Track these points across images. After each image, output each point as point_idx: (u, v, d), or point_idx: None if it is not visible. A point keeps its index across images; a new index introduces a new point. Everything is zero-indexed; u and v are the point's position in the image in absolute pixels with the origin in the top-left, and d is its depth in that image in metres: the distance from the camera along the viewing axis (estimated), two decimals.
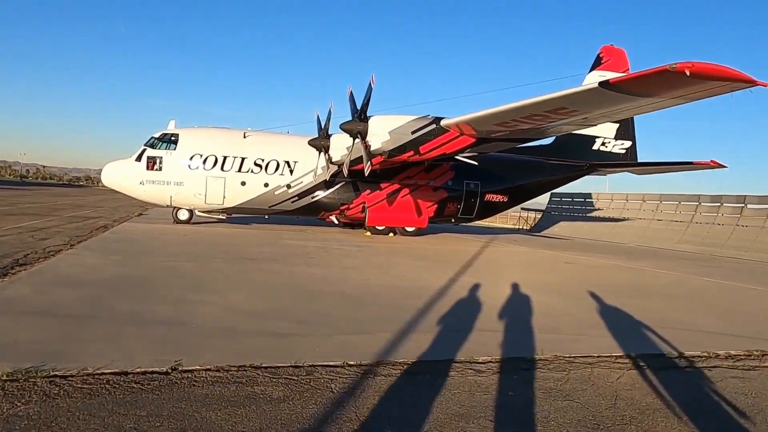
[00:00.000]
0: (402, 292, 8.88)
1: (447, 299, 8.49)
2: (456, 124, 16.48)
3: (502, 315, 7.57)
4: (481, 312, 7.63)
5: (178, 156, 21.51)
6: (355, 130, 16.60)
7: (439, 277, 10.91)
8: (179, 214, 22.26)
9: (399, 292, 8.92)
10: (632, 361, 5.53)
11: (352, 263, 12.52)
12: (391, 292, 8.90)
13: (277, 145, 22.90)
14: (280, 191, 22.55)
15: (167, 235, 16.87)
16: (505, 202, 26.28)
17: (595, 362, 5.37)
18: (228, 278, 9.14)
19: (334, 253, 14.50)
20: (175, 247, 13.44)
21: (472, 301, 8.56)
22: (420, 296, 8.62)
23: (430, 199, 24.27)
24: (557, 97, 11.64)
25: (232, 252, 13.24)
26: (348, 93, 17.52)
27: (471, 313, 7.49)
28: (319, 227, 25.97)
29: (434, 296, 8.71)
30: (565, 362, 5.33)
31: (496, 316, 7.48)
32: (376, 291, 8.87)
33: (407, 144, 16.66)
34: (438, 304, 7.97)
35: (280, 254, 13.35)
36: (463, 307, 7.92)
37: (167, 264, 10.33)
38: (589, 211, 44.03)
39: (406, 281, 10.26)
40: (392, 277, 10.67)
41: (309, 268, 11.09)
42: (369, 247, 17.30)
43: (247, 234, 19.37)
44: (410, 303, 7.96)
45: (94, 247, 12.45)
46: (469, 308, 7.88)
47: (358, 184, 23.27)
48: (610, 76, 28.38)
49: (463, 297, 8.82)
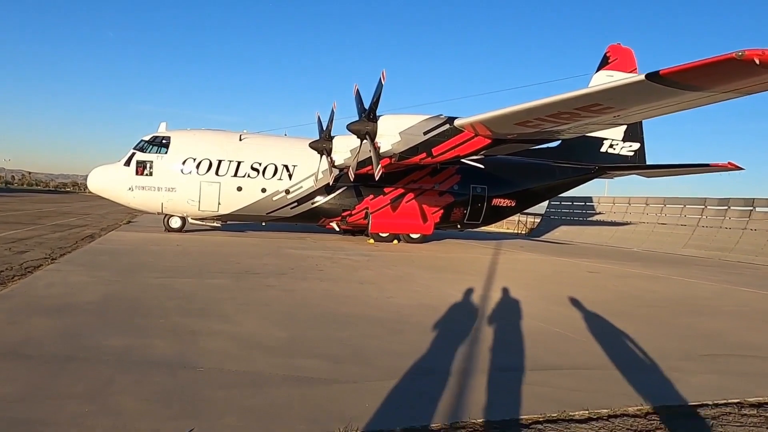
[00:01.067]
0: (434, 313, 7.70)
1: (489, 322, 7.33)
2: (471, 124, 15.38)
3: (566, 345, 6.42)
4: (541, 340, 6.47)
5: (170, 160, 20.20)
6: (364, 131, 15.41)
7: (466, 292, 9.75)
8: (171, 221, 20.93)
9: (431, 313, 7.74)
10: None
11: (366, 277, 11.33)
12: (422, 313, 7.71)
13: (275, 148, 21.66)
14: (279, 197, 21.30)
15: (159, 246, 15.57)
16: (512, 207, 25.22)
17: (720, 414, 4.21)
18: (234, 298, 7.90)
19: (343, 265, 13.29)
20: (168, 260, 12.17)
21: (519, 323, 7.40)
22: (456, 318, 7.47)
23: (436, 204, 23.14)
24: (595, 92, 10.55)
25: (232, 265, 11.99)
26: (354, 91, 16.36)
27: (530, 342, 6.33)
28: (319, 234, 24.73)
29: (471, 317, 7.55)
30: (693, 413, 4.17)
31: (560, 346, 6.32)
32: (406, 313, 7.68)
33: (419, 145, 15.51)
34: (482, 331, 6.80)
35: (285, 267, 12.12)
36: (514, 334, 6.76)
37: (162, 281, 9.07)
38: (589, 216, 43.16)
39: (433, 298, 9.08)
40: (416, 294, 9.48)
41: (322, 284, 9.87)
42: (378, 256, 16.11)
43: (244, 243, 18.10)
44: (449, 328, 6.80)
45: (79, 261, 11.15)
46: (521, 335, 6.72)
47: (360, 188, 22.08)
48: (618, 75, 27.57)
49: (506, 318, 7.67)
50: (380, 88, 14.72)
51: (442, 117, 15.73)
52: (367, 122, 15.40)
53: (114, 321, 6.09)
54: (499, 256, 18.93)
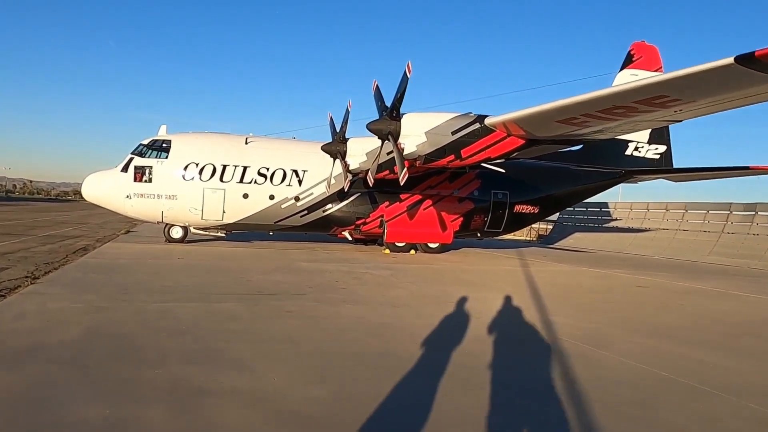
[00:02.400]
0: (506, 353, 6.15)
1: (586, 367, 5.76)
2: (503, 122, 13.86)
3: (705, 404, 4.86)
4: (669, 398, 4.91)
5: (171, 165, 18.70)
6: (386, 131, 13.87)
7: (524, 321, 8.20)
8: (172, 231, 19.40)
9: (502, 352, 6.18)
10: None
11: (399, 297, 9.76)
12: (487, 350, 6.15)
13: (283, 152, 20.15)
14: (288, 204, 19.77)
15: (159, 259, 14.03)
16: (535, 214, 23.67)
17: None
18: (249, 332, 6.35)
19: (366, 281, 11.73)
20: (169, 277, 10.62)
21: (625, 371, 5.84)
22: (538, 363, 5.91)
23: (455, 212, 21.59)
24: (666, 80, 9.01)
25: (241, 283, 10.43)
26: (373, 88, 14.84)
27: (664, 403, 4.77)
28: (328, 243, 23.18)
29: (549, 358, 5.99)
30: None
31: (700, 407, 4.76)
32: (467, 350, 6.10)
33: (447, 147, 13.97)
34: (587, 383, 5.23)
35: (302, 285, 10.56)
36: (635, 389, 5.19)
37: (160, 306, 7.51)
38: (605, 222, 41.56)
39: (490, 328, 7.52)
40: (467, 320, 7.91)
41: (350, 308, 8.32)
42: (400, 269, 14.55)
43: (251, 255, 16.55)
44: (538, 377, 5.24)
45: (65, 280, 9.60)
46: (643, 390, 5.16)
47: (375, 195, 20.55)
48: (643, 74, 26.08)
49: (601, 362, 6.10)
50: (405, 82, 13.18)
51: (472, 115, 14.21)
52: (389, 121, 13.86)
53: (94, 374, 4.53)
54: (529, 267, 17.36)
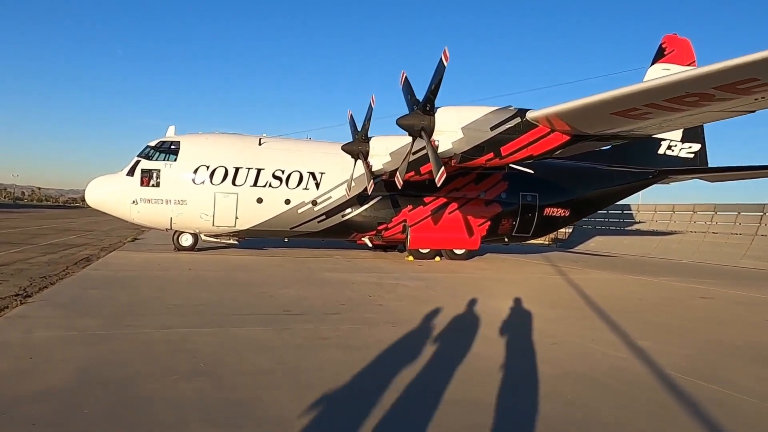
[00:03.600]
0: (624, 396, 4.77)
1: (725, 418, 4.38)
2: (547, 116, 12.50)
3: None
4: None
5: (180, 168, 17.46)
6: (418, 126, 12.50)
7: (605, 342, 6.82)
8: (181, 239, 18.14)
9: (616, 394, 4.81)
10: None
11: (446, 316, 8.37)
12: (605, 398, 4.78)
13: (299, 153, 18.86)
14: (305, 209, 18.46)
15: (167, 270, 12.75)
16: (566, 217, 22.24)
17: None
18: (283, 372, 5.00)
19: (402, 295, 10.37)
20: (179, 293, 9.32)
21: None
22: (665, 414, 4.53)
23: (482, 215, 20.21)
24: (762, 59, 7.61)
25: (262, 299, 9.11)
26: (401, 80, 13.50)
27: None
28: (346, 250, 21.84)
29: (678, 402, 4.61)
30: None
31: None
32: (579, 400, 4.73)
33: (485, 144, 12.61)
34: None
35: (332, 301, 9.22)
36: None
37: (170, 334, 6.19)
38: (628, 224, 40.04)
39: (575, 359, 6.14)
40: (545, 350, 6.54)
41: (397, 332, 6.95)
42: (434, 280, 13.17)
43: (268, 265, 15.24)
44: None
45: (60, 298, 8.31)
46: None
47: (397, 198, 19.21)
48: (675, 69, 24.62)
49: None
50: (441, 71, 11.82)
51: (512, 109, 12.85)
52: (422, 115, 12.50)
53: None
54: (567, 275, 15.94)
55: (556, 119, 12.49)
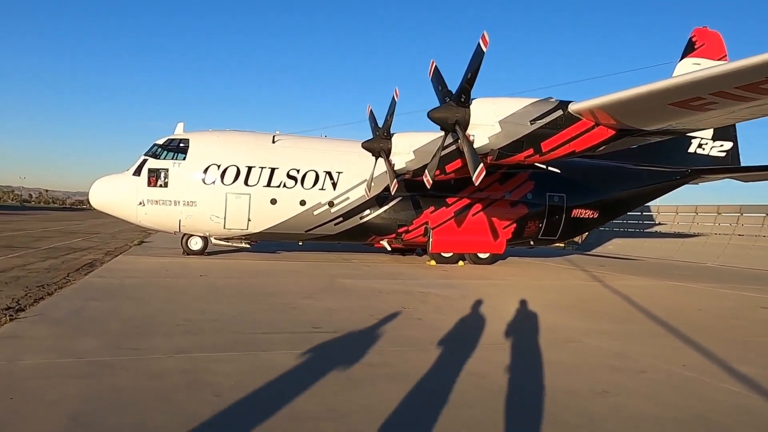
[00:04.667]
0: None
1: None
2: (591, 109, 11.40)
3: None
4: None
5: (189, 167, 16.46)
6: (452, 119, 11.41)
7: (700, 368, 5.72)
8: (191, 243, 17.12)
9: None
10: None
11: (497, 331, 7.28)
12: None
13: (315, 151, 17.82)
14: (321, 210, 17.41)
15: (177, 278, 11.73)
16: (595, 219, 21.09)
17: None
18: (333, 419, 3.93)
19: (439, 306, 9.29)
20: (191, 304, 8.27)
21: None
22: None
23: (508, 217, 19.11)
24: None
25: (285, 313, 8.05)
26: (430, 70, 12.42)
27: None
28: (362, 254, 20.77)
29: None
30: None
31: None
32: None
33: (524, 139, 11.51)
34: None
35: (362, 313, 8.14)
36: None
37: (184, 362, 5.14)
38: (648, 226, 38.73)
39: (692, 398, 5.04)
40: (637, 380, 5.43)
41: (454, 355, 5.87)
42: (465, 287, 12.06)
43: (285, 271, 14.19)
44: None
45: (57, 312, 7.28)
46: None
47: (418, 199, 18.14)
48: (706, 63, 23.40)
49: None
50: (479, 58, 10.70)
51: (553, 100, 11.75)
52: (455, 108, 11.39)
53: None
54: (605, 281, 14.79)
55: (601, 112, 11.39)
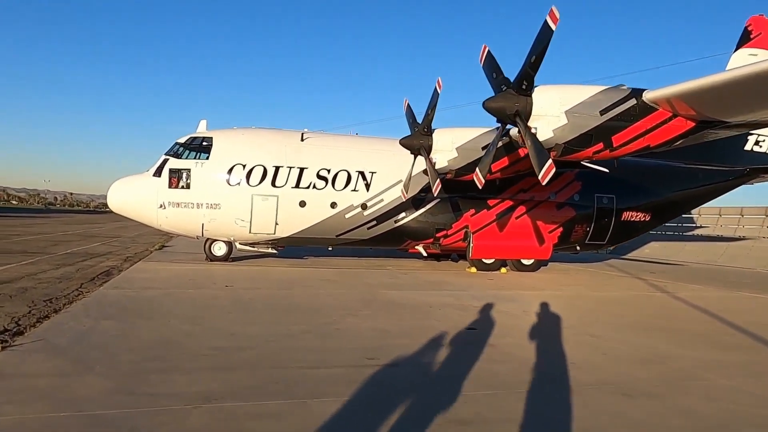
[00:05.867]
0: None
1: None
2: (669, 98, 9.93)
3: None
4: None
5: (213, 168, 15.32)
6: (512, 110, 9.98)
7: None
8: (214, 248, 15.98)
9: None
10: None
11: (595, 363, 5.88)
12: None
13: (346, 149, 16.56)
14: (353, 213, 16.13)
15: (201, 288, 10.54)
16: (646, 222, 19.44)
17: None
18: None
19: (507, 326, 7.91)
20: (218, 326, 7.02)
21: None
22: None
23: (554, 220, 17.62)
24: None
25: (330, 335, 6.75)
26: (481, 55, 11.01)
27: None
28: (396, 259, 19.45)
29: None
30: None
31: None
32: None
33: (594, 131, 10.05)
34: None
35: (421, 336, 6.79)
36: None
37: (214, 421, 3.85)
38: (687, 229, 36.77)
39: None
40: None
41: (556, 400, 4.51)
42: (526, 300, 10.64)
43: (317, 279, 12.93)
44: None
45: (61, 337, 6.07)
46: None
47: (458, 201, 16.75)
48: (764, 54, 21.69)
49: None
50: (546, 37, 9.24)
51: (625, 88, 10.28)
52: (515, 96, 9.97)
53: None
54: (672, 291, 13.25)
55: (681, 101, 9.90)
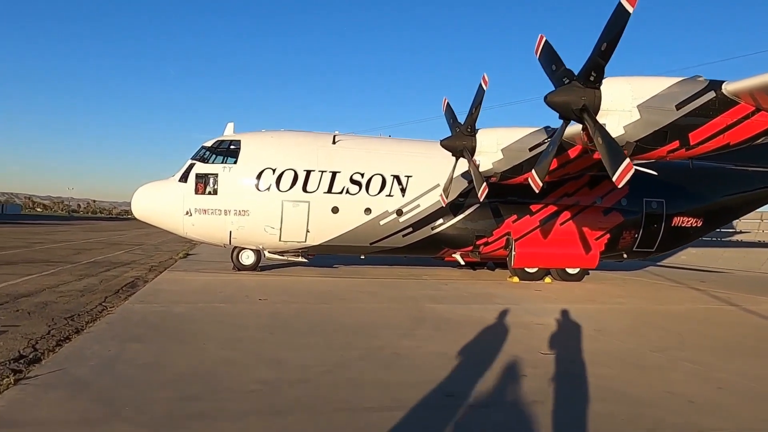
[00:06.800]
0: None
1: None
2: (751, 91, 8.82)
3: None
4: None
5: (241, 172, 14.55)
6: (578, 104, 8.92)
7: None
8: (242, 257, 15.18)
9: None
10: None
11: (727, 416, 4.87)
12: None
13: (380, 152, 15.66)
14: (388, 220, 15.20)
15: (233, 303, 9.69)
16: (698, 228, 18.17)
17: None
18: None
19: (592, 351, 6.89)
20: (261, 352, 6.13)
21: None
22: None
23: (600, 227, 16.47)
24: None
25: (391, 366, 5.81)
26: (537, 47, 10.01)
27: None
28: (429, 268, 18.48)
29: None
30: None
31: None
32: None
33: (669, 128, 8.97)
34: None
35: (495, 361, 5.82)
36: None
37: None
38: (725, 235, 35.14)
39: None
40: None
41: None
42: (588, 316, 9.56)
43: (356, 291, 12.01)
44: None
45: (81, 365, 5.22)
46: None
47: (498, 206, 15.73)
48: None
49: None
50: (621, 22, 8.23)
51: (702, 80, 9.19)
52: (582, 89, 8.92)
53: None
54: (747, 306, 12.06)
55: (765, 95, 8.79)
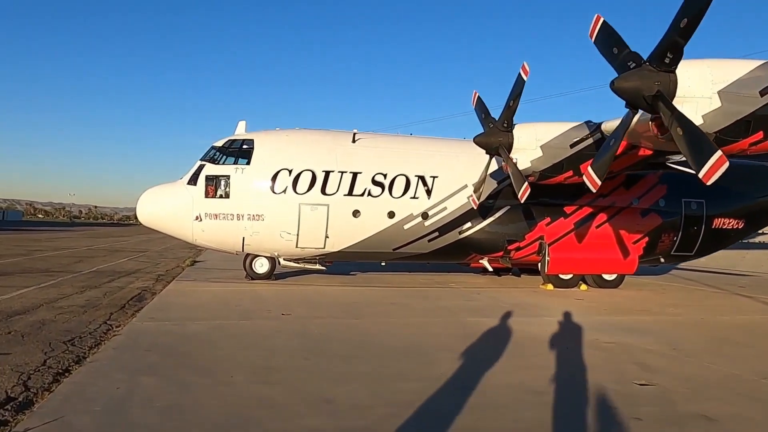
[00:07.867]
0: None
1: None
2: None
3: None
4: None
5: (255, 174, 13.49)
6: (651, 90, 7.75)
7: None
8: (256, 265, 14.08)
9: None
10: None
11: None
12: None
13: (404, 152, 14.60)
14: (413, 224, 14.13)
15: (254, 319, 8.61)
16: (740, 230, 17.09)
17: None
18: None
19: (679, 376, 5.78)
20: (301, 386, 5.06)
21: None
22: None
23: (638, 229, 15.39)
24: None
25: (469, 405, 4.73)
26: (593, 28, 8.88)
27: None
28: (454, 274, 17.38)
29: None
30: None
31: None
32: None
33: (752, 117, 7.84)
34: None
35: (576, 399, 4.74)
36: None
37: None
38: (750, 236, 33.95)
39: None
40: None
41: None
42: (655, 332, 8.46)
43: (384, 303, 10.92)
44: None
45: (82, 413, 4.14)
46: None
47: (530, 208, 14.64)
48: None
49: None
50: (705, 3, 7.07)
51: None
52: (655, 73, 7.78)
53: None
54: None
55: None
